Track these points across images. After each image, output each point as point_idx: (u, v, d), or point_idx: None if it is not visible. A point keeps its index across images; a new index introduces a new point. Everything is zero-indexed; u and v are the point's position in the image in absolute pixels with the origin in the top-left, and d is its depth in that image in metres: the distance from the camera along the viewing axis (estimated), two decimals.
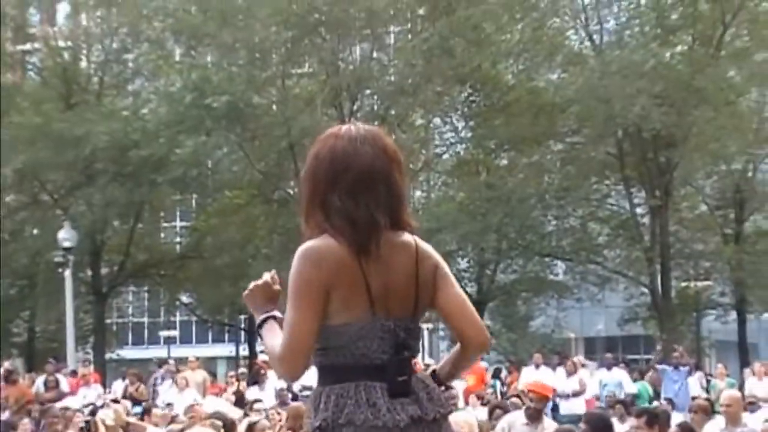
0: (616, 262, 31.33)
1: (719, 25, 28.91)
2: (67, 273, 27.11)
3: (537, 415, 10.24)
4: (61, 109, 31.31)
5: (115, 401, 15.96)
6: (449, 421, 3.28)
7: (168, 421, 13.24)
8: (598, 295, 32.58)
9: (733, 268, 29.92)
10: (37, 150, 29.45)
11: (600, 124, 28.77)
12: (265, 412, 13.36)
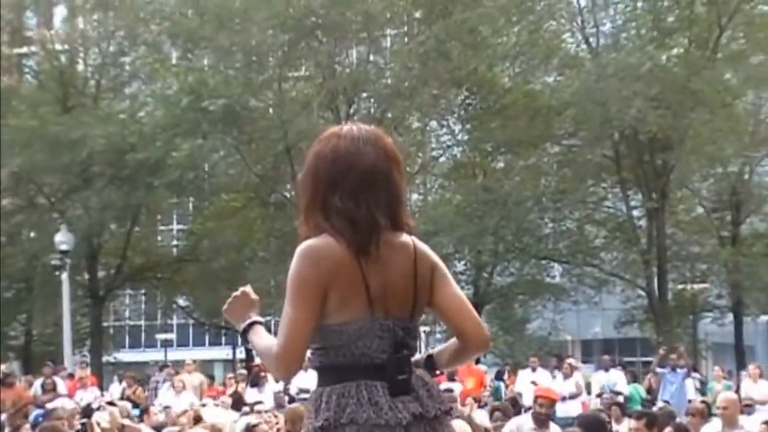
0: (613, 265, 31.32)
1: (715, 28, 28.95)
2: (64, 276, 27.10)
3: (545, 420, 10.29)
4: (57, 112, 31.27)
5: (111, 403, 15.92)
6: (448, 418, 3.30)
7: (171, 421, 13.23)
8: (594, 298, 32.52)
9: (729, 270, 29.95)
10: (34, 153, 29.43)
11: (596, 127, 28.82)
12: (264, 415, 13.36)
